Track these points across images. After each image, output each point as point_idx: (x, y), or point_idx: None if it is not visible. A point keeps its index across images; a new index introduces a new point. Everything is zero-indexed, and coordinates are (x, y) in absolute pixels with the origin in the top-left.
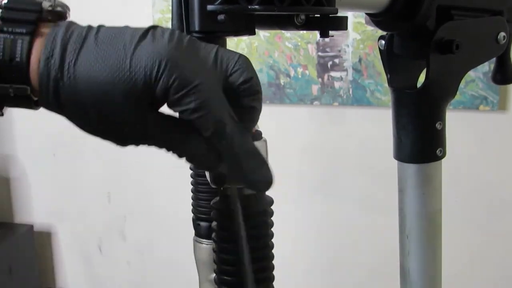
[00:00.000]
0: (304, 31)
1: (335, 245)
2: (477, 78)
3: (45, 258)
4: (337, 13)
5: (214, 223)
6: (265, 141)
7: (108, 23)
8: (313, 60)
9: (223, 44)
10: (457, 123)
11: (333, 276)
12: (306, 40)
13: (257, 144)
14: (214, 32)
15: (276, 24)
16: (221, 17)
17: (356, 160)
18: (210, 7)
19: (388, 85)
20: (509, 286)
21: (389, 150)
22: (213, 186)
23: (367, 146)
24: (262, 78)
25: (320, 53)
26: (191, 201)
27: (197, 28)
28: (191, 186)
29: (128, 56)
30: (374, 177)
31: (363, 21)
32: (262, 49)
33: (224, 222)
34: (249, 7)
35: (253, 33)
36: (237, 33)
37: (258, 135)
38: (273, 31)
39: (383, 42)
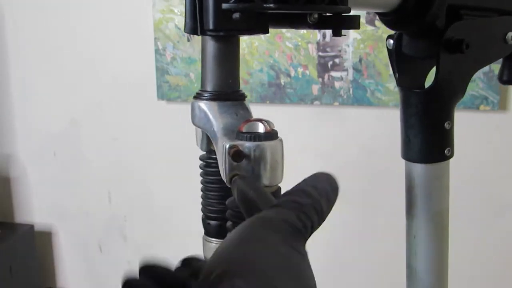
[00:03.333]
0: (308, 30)
1: (335, 245)
2: (477, 78)
3: (46, 257)
4: (350, 12)
5: (228, 223)
6: (281, 140)
7: (108, 22)
8: (313, 60)
9: (237, 43)
10: (457, 123)
11: (334, 275)
12: (307, 40)
13: (273, 143)
14: (228, 31)
15: (289, 23)
16: (236, 15)
17: (356, 159)
18: (225, 6)
19: (396, 84)
20: None
21: (389, 150)
22: (229, 186)
23: (367, 145)
24: (263, 78)
25: (320, 53)
26: (201, 200)
27: (211, 27)
28: (201, 185)
29: None
30: (375, 177)
31: (364, 21)
32: (263, 48)
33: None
34: (264, 5)
35: (267, 31)
36: (251, 31)
37: (274, 134)
38: (273, 31)
39: (391, 41)
